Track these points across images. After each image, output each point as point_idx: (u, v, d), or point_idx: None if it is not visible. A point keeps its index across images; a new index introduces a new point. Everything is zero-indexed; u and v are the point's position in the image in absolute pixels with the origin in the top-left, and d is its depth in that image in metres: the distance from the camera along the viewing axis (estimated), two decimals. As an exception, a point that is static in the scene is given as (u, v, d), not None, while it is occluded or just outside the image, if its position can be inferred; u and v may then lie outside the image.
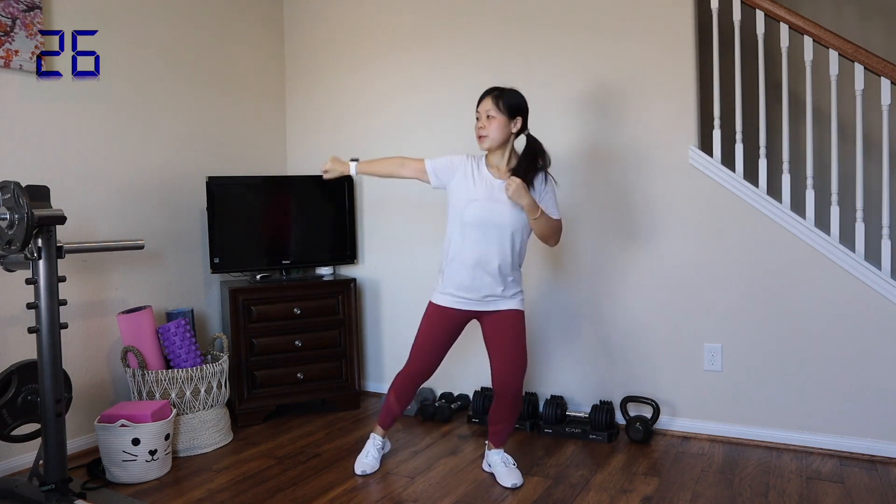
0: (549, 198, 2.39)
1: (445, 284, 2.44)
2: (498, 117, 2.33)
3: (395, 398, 2.59)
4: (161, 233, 3.26)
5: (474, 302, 2.41)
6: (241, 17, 3.70)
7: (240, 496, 2.40)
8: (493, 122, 2.33)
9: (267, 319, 3.27)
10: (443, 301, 2.45)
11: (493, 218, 2.32)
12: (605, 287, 3.13)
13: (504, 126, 2.34)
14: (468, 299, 2.40)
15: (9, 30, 2.61)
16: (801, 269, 2.75)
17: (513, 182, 2.24)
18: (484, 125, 2.35)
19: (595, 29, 3.10)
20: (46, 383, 2.20)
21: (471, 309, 2.43)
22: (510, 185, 2.25)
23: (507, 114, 2.34)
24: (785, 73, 2.82)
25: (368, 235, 3.75)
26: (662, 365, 3.02)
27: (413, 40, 3.56)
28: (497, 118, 2.33)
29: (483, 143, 2.37)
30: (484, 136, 2.35)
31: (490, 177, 2.37)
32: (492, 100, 2.35)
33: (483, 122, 2.35)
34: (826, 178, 3.36)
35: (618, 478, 2.52)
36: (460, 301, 2.42)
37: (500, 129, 2.34)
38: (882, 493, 2.32)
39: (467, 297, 2.40)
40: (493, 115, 2.33)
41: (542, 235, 2.38)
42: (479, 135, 2.37)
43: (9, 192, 2.12)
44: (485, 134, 2.35)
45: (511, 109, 2.35)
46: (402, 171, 2.51)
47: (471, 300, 2.41)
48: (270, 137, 3.89)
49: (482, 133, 2.35)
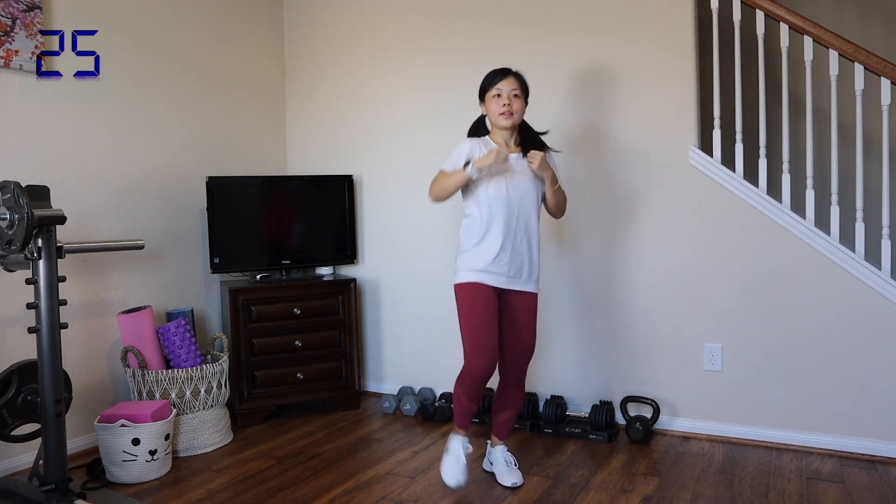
0: (557, 171, 2.49)
1: (474, 262, 2.37)
2: (522, 97, 2.40)
3: (467, 401, 2.38)
4: (161, 233, 3.26)
5: (504, 279, 2.38)
6: (241, 18, 3.70)
7: (240, 496, 2.40)
8: (518, 101, 2.39)
9: (267, 319, 3.27)
10: (474, 278, 2.36)
11: (517, 191, 2.36)
12: (606, 287, 3.13)
13: (524, 106, 2.42)
14: (498, 275, 2.36)
15: (9, 30, 2.61)
16: (801, 269, 2.75)
17: (537, 155, 2.32)
18: (509, 102, 2.37)
19: (595, 29, 3.10)
20: (46, 383, 2.20)
21: (499, 286, 2.39)
22: (535, 159, 2.31)
23: (525, 95, 2.42)
24: (785, 73, 2.82)
25: (368, 235, 3.75)
26: (662, 365, 3.02)
27: (413, 40, 3.56)
28: (521, 98, 2.40)
29: (508, 121, 2.38)
30: (511, 112, 2.37)
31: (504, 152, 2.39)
32: (515, 80, 2.40)
33: (509, 99, 2.37)
34: (826, 178, 3.36)
35: (618, 478, 2.52)
36: (492, 277, 2.36)
37: (522, 108, 2.41)
38: (882, 493, 2.32)
39: (498, 273, 2.36)
40: (518, 94, 2.39)
41: (558, 206, 2.46)
42: (504, 112, 2.36)
43: (9, 192, 2.12)
44: (512, 111, 2.37)
45: (527, 91, 2.44)
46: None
47: (501, 274, 2.37)
48: (270, 137, 3.89)
49: (509, 110, 2.37)
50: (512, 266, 2.37)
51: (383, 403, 3.40)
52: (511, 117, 2.37)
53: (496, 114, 2.38)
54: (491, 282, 2.37)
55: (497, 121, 2.39)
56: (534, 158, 2.31)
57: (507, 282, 2.39)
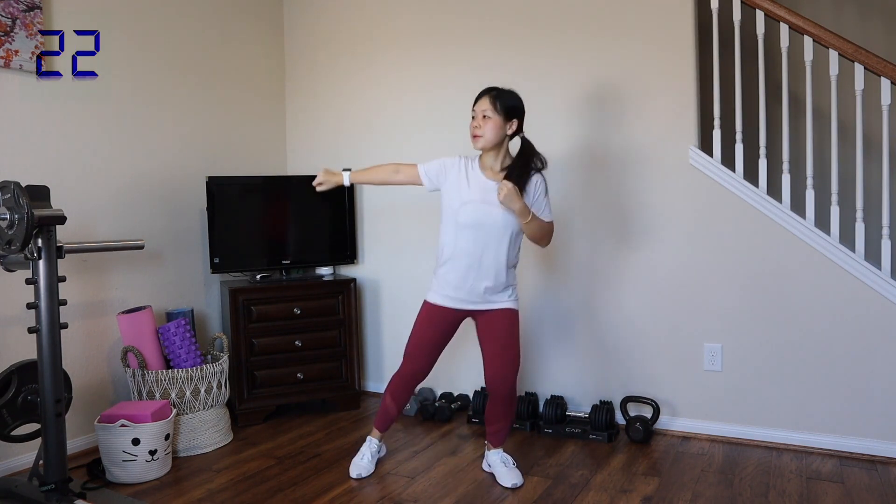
0: (541, 200, 2.37)
1: (440, 284, 2.44)
2: (494, 118, 2.31)
3: (391, 399, 2.58)
4: (161, 233, 3.26)
5: (468, 302, 2.41)
6: (241, 18, 3.70)
7: (240, 496, 2.40)
8: (488, 122, 2.31)
9: (267, 319, 3.27)
10: (437, 300, 2.44)
11: (487, 219, 2.32)
12: (606, 287, 3.13)
13: (499, 127, 2.32)
14: (462, 299, 2.40)
15: (9, 30, 2.61)
16: (801, 269, 2.75)
17: (504, 187, 2.22)
18: (479, 125, 2.32)
19: (595, 29, 3.10)
20: (46, 383, 2.20)
21: (465, 308, 2.42)
22: (501, 190, 2.23)
23: (504, 115, 2.32)
24: (785, 73, 2.82)
25: (368, 235, 3.75)
26: (662, 365, 3.02)
27: (413, 40, 3.56)
28: (493, 119, 2.31)
29: (477, 143, 2.35)
30: (479, 135, 2.32)
31: (483, 178, 2.36)
32: (489, 99, 2.32)
33: (479, 121, 2.32)
34: (826, 178, 3.36)
35: (618, 478, 2.52)
36: (454, 300, 2.41)
37: (496, 129, 2.31)
38: (882, 493, 2.32)
39: (461, 297, 2.40)
40: (489, 115, 2.31)
41: (533, 238, 2.38)
42: (473, 134, 2.34)
43: (9, 192, 2.12)
44: (479, 134, 2.32)
45: (508, 111, 2.32)
46: (396, 177, 2.50)
47: (465, 300, 2.40)
48: (270, 137, 3.89)
49: (477, 133, 2.33)
50: (477, 289, 2.37)
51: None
52: (478, 139, 2.33)
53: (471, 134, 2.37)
54: (455, 305, 2.41)
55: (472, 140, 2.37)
56: (501, 190, 2.22)
57: (475, 304, 2.41)
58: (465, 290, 2.38)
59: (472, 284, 2.37)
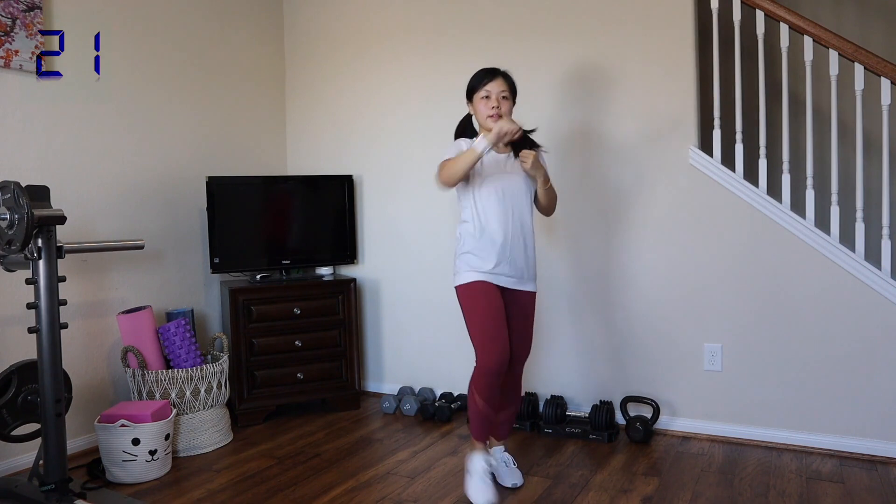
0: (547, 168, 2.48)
1: (478, 264, 2.35)
2: (510, 98, 2.40)
3: (483, 402, 2.31)
4: (161, 233, 3.26)
5: (508, 279, 2.37)
6: (241, 17, 3.70)
7: (240, 496, 2.40)
8: (507, 102, 2.39)
9: (267, 319, 3.27)
10: (479, 277, 2.34)
11: (510, 187, 2.36)
12: (605, 287, 3.13)
13: (512, 106, 2.41)
14: (502, 275, 2.36)
15: (9, 30, 2.61)
16: (801, 269, 2.75)
17: (529, 155, 2.30)
18: (499, 104, 2.37)
19: (595, 29, 3.10)
20: (46, 383, 2.20)
21: (502, 286, 2.38)
22: (527, 158, 2.30)
23: (514, 95, 2.43)
24: (785, 73, 2.82)
25: (368, 235, 3.75)
26: (662, 365, 3.02)
27: (413, 38, 3.56)
28: (510, 99, 2.40)
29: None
30: (500, 115, 2.36)
31: (494, 153, 2.41)
32: (505, 81, 2.40)
33: (497, 100, 2.37)
34: (826, 178, 3.36)
35: (618, 478, 2.52)
36: (496, 278, 2.36)
37: (511, 109, 2.40)
38: (882, 493, 2.32)
39: (500, 274, 2.36)
40: (507, 95, 2.39)
41: (549, 204, 2.46)
42: (493, 115, 2.35)
43: (9, 192, 2.12)
44: (500, 114, 2.36)
45: (515, 91, 2.44)
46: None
47: (504, 277, 2.36)
48: (270, 137, 3.89)
49: (498, 113, 2.35)
50: (513, 267, 2.37)
51: (383, 403, 3.40)
52: (500, 120, 2.34)
53: (484, 116, 2.37)
54: (495, 282, 2.37)
55: (486, 123, 2.37)
56: (526, 158, 2.30)
57: (512, 282, 2.40)
58: (503, 266, 2.34)
59: (509, 258, 2.35)
